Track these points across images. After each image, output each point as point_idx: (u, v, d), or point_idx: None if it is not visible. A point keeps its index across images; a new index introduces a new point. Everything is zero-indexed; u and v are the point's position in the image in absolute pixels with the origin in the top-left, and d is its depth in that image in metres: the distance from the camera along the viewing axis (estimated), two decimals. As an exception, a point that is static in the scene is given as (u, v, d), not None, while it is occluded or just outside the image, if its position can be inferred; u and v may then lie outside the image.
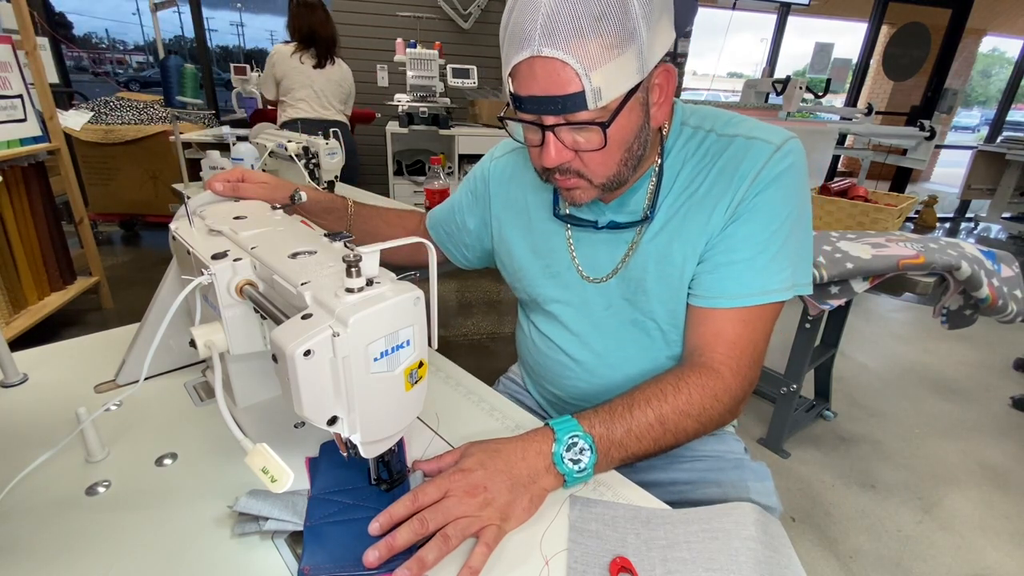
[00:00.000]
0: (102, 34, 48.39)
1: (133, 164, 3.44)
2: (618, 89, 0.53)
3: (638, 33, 0.51)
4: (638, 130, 0.59)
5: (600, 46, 0.50)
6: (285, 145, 1.62)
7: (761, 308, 0.63)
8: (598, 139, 0.56)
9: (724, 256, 0.63)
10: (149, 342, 0.51)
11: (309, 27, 2.57)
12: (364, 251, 0.44)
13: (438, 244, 0.91)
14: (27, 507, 0.52)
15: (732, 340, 0.63)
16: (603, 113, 0.54)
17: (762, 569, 0.46)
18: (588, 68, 0.50)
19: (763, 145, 0.62)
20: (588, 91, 0.51)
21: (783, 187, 0.62)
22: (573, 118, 0.54)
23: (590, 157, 0.58)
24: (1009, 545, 1.45)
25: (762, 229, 0.62)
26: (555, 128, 0.56)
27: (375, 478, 0.55)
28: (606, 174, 0.60)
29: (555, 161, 0.58)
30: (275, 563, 0.48)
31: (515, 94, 0.55)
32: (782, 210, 0.62)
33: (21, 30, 2.06)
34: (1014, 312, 1.43)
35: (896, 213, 1.68)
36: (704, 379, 0.61)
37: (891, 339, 2.70)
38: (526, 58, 0.52)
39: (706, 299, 0.64)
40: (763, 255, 0.62)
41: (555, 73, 0.51)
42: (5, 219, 2.03)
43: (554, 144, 0.57)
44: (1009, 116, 6.33)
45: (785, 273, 0.63)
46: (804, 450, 1.78)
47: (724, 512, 0.53)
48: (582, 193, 0.63)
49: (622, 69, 0.52)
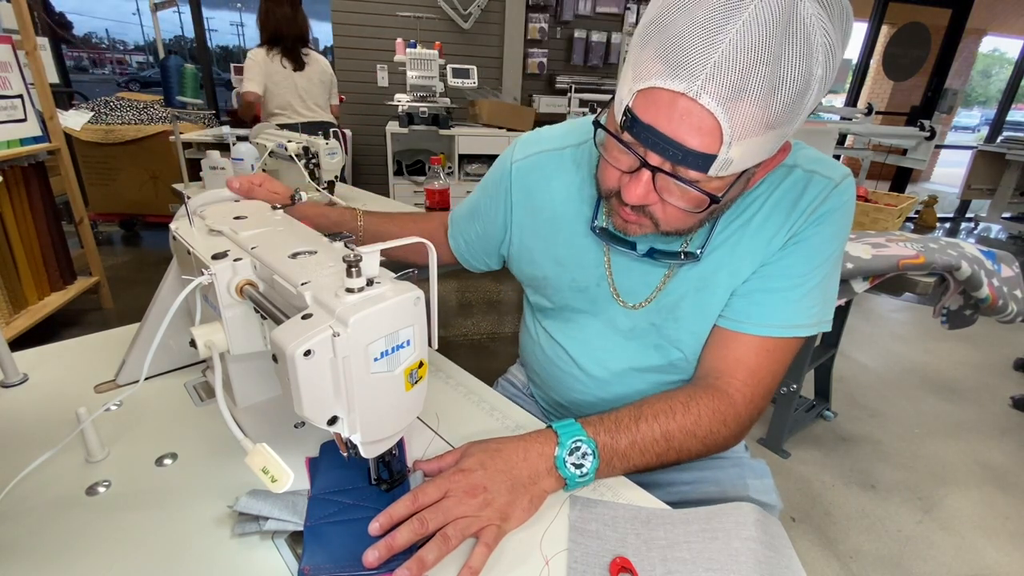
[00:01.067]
0: (102, 34, 48.41)
1: (133, 164, 3.43)
2: (748, 163, 0.47)
3: (797, 118, 0.45)
4: (735, 197, 0.54)
5: (759, 120, 0.43)
6: (285, 145, 1.62)
7: (786, 341, 0.62)
8: (695, 203, 0.50)
9: (760, 283, 0.61)
10: (149, 342, 0.51)
11: (275, 24, 2.48)
12: (364, 251, 0.44)
13: (456, 254, 0.85)
14: (27, 507, 0.52)
15: (752, 368, 0.62)
16: (719, 184, 0.48)
17: (762, 569, 0.46)
18: (735, 136, 0.43)
19: (822, 180, 0.60)
20: (721, 159, 0.44)
21: (834, 224, 0.60)
22: (685, 173, 0.47)
23: (672, 211, 0.52)
24: (1009, 545, 1.45)
25: (805, 262, 0.60)
26: (660, 171, 0.48)
27: (375, 478, 0.55)
28: (679, 228, 0.55)
29: (637, 201, 0.51)
30: (275, 563, 0.48)
31: (634, 114, 0.46)
32: (828, 247, 0.60)
33: (21, 30, 2.06)
34: (1014, 312, 1.43)
35: (896, 213, 1.68)
36: (716, 403, 0.60)
37: (891, 339, 2.70)
38: (676, 91, 0.43)
39: (734, 322, 0.63)
40: (799, 289, 0.60)
41: (697, 123, 0.43)
42: (5, 219, 2.03)
43: (645, 184, 0.49)
44: (1009, 116, 6.32)
45: (815, 309, 0.62)
46: (804, 450, 1.78)
47: (724, 512, 0.53)
48: (639, 228, 0.56)
49: (763, 147, 0.46)
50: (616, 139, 0.50)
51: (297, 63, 2.57)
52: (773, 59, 0.41)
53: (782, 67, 0.41)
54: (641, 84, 0.45)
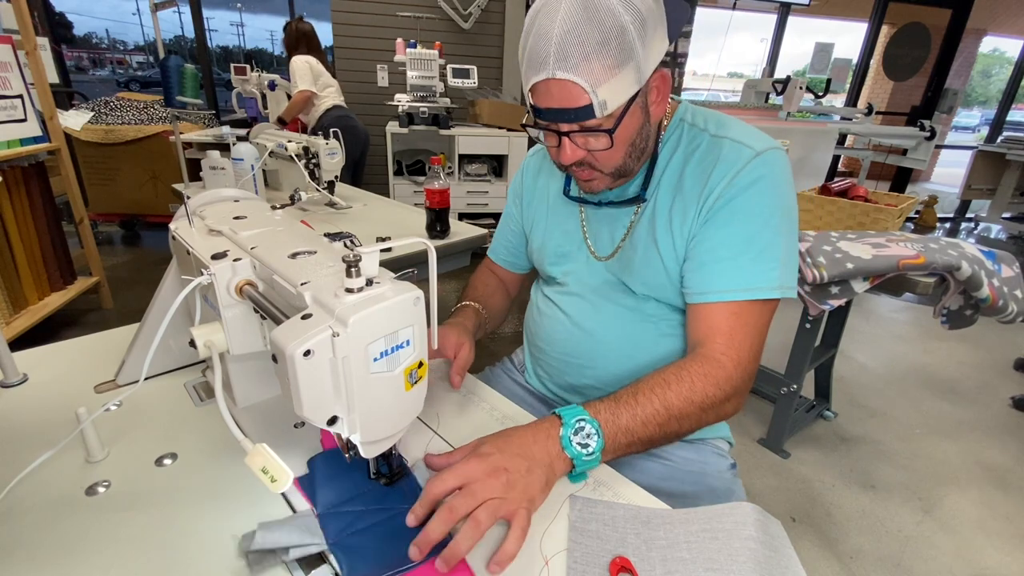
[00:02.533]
0: (102, 34, 48.38)
1: (133, 164, 3.44)
2: (619, 99, 0.61)
3: (635, 52, 0.59)
4: (639, 128, 0.67)
5: (603, 67, 0.58)
6: (285, 145, 1.62)
7: (750, 304, 0.67)
8: (605, 141, 0.65)
9: (708, 255, 0.69)
10: (149, 342, 0.51)
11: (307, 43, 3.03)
12: (364, 251, 0.44)
13: (505, 265, 1.00)
14: (27, 507, 0.52)
15: (728, 332, 0.67)
16: (609, 120, 0.63)
17: (762, 569, 0.46)
18: (594, 85, 0.59)
19: (744, 149, 0.68)
20: (595, 104, 0.60)
21: (761, 193, 0.67)
22: (584, 125, 0.63)
23: (599, 155, 0.67)
24: (1009, 545, 1.45)
25: (740, 231, 0.67)
26: (569, 133, 0.65)
27: (374, 472, 0.55)
28: (614, 165, 0.69)
29: (570, 159, 0.67)
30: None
31: (535, 106, 0.65)
32: (760, 214, 0.67)
33: (21, 30, 2.06)
34: (1014, 312, 1.43)
35: (896, 213, 1.68)
36: (706, 368, 0.65)
37: (891, 339, 2.70)
38: (543, 79, 0.60)
39: (698, 295, 0.70)
40: (745, 255, 0.67)
41: (567, 91, 0.60)
42: (5, 219, 2.03)
43: (568, 146, 0.66)
44: (1009, 116, 6.31)
45: (773, 274, 0.67)
46: (804, 450, 1.78)
47: (724, 512, 0.53)
48: (597, 183, 0.72)
49: (623, 83, 0.60)
50: (535, 128, 0.68)
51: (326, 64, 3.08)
52: (588, 28, 0.57)
53: (597, 29, 0.57)
54: (528, 86, 0.64)
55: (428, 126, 3.39)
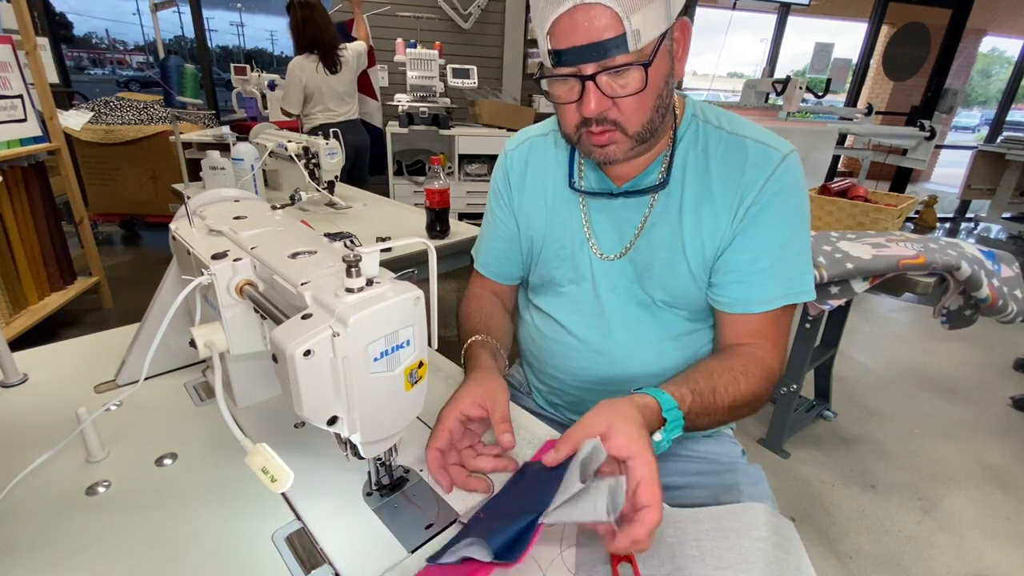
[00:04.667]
0: (102, 34, 48.42)
1: (133, 164, 3.44)
2: (654, 31, 0.55)
3: None
4: (667, 76, 0.61)
5: None
6: (285, 145, 1.62)
7: (788, 307, 0.69)
8: (638, 81, 0.58)
9: (749, 266, 0.67)
10: (149, 342, 0.51)
11: (313, 30, 2.56)
12: (364, 251, 0.44)
13: (495, 276, 0.88)
14: (27, 507, 0.52)
15: (771, 336, 0.69)
16: (642, 56, 0.56)
17: (772, 570, 0.46)
18: (628, 11, 0.53)
19: (771, 152, 0.66)
20: (629, 33, 0.54)
21: (791, 196, 0.66)
22: (613, 63, 0.56)
23: (627, 104, 0.60)
24: (1009, 545, 1.45)
25: (777, 237, 0.67)
26: (596, 76, 0.57)
27: (376, 483, 0.55)
28: (641, 120, 0.62)
29: (596, 110, 0.59)
30: (275, 563, 0.48)
31: (554, 50, 0.57)
32: (793, 218, 0.67)
33: (21, 30, 2.06)
34: (1014, 312, 1.43)
35: (896, 213, 1.68)
36: (760, 369, 0.66)
37: (891, 339, 2.70)
38: (568, 9, 0.54)
39: (739, 305, 0.69)
40: (782, 262, 0.67)
41: (597, 19, 0.54)
42: (5, 219, 2.03)
43: (594, 92, 0.58)
44: (1009, 116, 6.31)
45: (806, 277, 0.69)
46: (804, 450, 1.78)
47: (735, 512, 0.53)
48: (616, 147, 0.64)
49: (656, 12, 0.55)
50: (553, 76, 0.60)
51: (333, 68, 2.66)
52: None
53: None
54: (546, 27, 0.56)
55: (428, 126, 3.39)
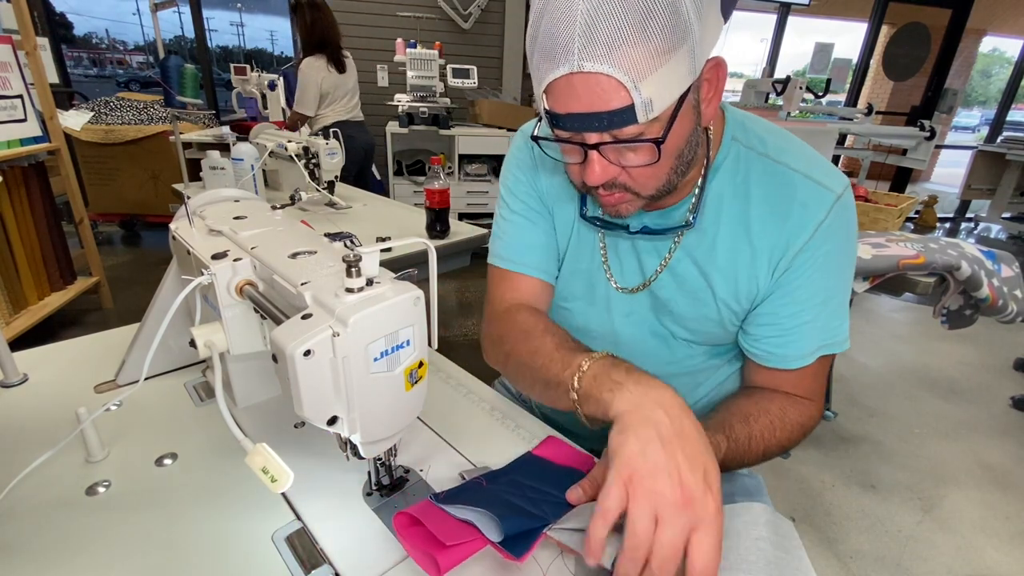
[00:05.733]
0: (102, 34, 48.43)
1: (133, 164, 3.43)
2: (670, 97, 0.46)
3: (690, 31, 0.44)
4: (689, 135, 0.53)
5: (647, 52, 0.43)
6: (285, 145, 1.62)
7: (822, 359, 0.64)
8: (649, 154, 0.50)
9: (791, 320, 0.61)
10: (149, 342, 0.51)
11: (322, 30, 2.57)
12: (364, 251, 0.44)
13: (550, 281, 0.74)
14: (27, 507, 0.52)
15: (809, 385, 0.65)
16: (654, 126, 0.48)
17: (772, 570, 0.46)
18: (636, 79, 0.44)
19: (824, 193, 0.58)
20: (638, 104, 0.45)
21: (842, 242, 0.60)
22: (621, 134, 0.48)
23: (639, 172, 0.53)
24: (1009, 545, 1.45)
25: (821, 288, 0.60)
26: (600, 146, 0.49)
27: (376, 483, 0.55)
28: (656, 185, 0.55)
29: (600, 180, 0.52)
30: (275, 563, 0.48)
31: (552, 112, 0.49)
32: (841, 268, 0.61)
33: (21, 30, 2.06)
34: (1014, 312, 1.43)
35: (896, 213, 1.68)
36: (800, 415, 0.63)
37: (891, 339, 2.70)
38: (564, 74, 0.46)
39: (778, 360, 0.64)
40: (824, 314, 0.61)
41: (599, 88, 0.45)
42: (5, 219, 2.03)
43: (599, 162, 0.51)
44: (1009, 116, 6.31)
45: (845, 325, 0.63)
46: (804, 450, 1.78)
47: (735, 512, 0.52)
48: (628, 206, 0.57)
49: (674, 73, 0.45)
50: (553, 140, 0.52)
51: (341, 68, 2.69)
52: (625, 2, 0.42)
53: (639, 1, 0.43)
54: (542, 86, 0.49)
55: (428, 126, 3.39)
